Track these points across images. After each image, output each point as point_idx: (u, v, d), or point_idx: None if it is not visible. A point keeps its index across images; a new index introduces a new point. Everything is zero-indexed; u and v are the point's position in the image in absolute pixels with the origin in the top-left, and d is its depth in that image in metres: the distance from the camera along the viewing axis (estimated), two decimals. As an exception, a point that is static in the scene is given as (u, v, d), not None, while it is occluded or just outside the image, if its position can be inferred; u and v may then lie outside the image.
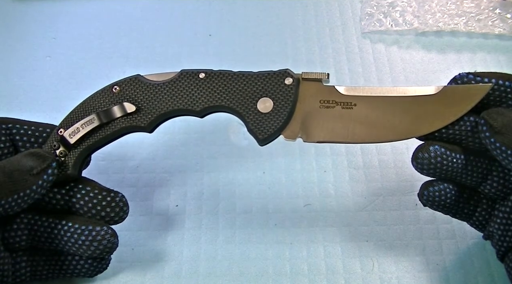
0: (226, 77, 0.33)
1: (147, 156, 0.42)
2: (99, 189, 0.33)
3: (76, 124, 0.32)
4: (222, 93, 0.33)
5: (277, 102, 0.33)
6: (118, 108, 0.32)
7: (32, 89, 0.47)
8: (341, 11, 0.52)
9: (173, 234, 0.38)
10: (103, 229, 0.32)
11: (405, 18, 0.50)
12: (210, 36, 0.51)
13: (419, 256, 0.37)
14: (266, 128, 0.33)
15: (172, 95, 0.33)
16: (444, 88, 0.32)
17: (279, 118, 0.33)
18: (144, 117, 0.33)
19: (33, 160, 0.29)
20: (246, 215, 0.39)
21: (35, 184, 0.29)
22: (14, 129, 0.33)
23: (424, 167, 0.32)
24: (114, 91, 0.33)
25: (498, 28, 0.49)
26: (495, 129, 0.29)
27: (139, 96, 0.33)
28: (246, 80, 0.33)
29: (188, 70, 0.33)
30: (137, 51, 0.49)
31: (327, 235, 0.38)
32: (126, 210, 0.33)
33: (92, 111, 0.33)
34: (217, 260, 0.37)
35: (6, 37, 0.51)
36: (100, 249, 0.32)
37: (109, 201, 0.32)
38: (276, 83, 0.33)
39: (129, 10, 0.53)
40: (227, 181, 0.41)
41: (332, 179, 0.41)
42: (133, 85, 0.33)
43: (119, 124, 0.33)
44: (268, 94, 0.33)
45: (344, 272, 0.36)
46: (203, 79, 0.33)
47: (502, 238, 0.32)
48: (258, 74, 0.33)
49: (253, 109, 0.33)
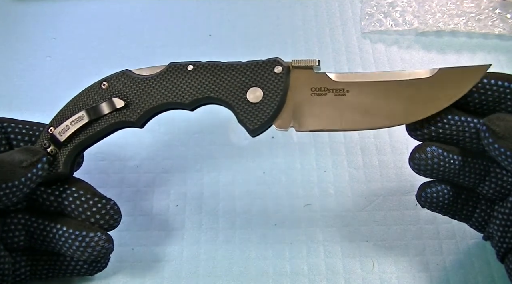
0: (215, 68, 0.33)
1: (147, 156, 0.42)
2: (92, 194, 0.32)
3: (65, 121, 0.32)
4: (210, 84, 0.32)
5: (267, 91, 0.32)
6: (107, 104, 0.32)
7: (32, 89, 0.47)
8: (341, 11, 0.52)
9: (173, 234, 0.38)
10: (97, 235, 0.31)
11: (405, 18, 0.50)
12: (210, 36, 0.51)
13: (419, 256, 0.37)
14: (257, 118, 0.32)
15: (160, 89, 0.33)
16: (439, 71, 0.31)
17: (270, 108, 0.32)
18: (133, 112, 0.33)
19: (24, 154, 0.29)
20: (246, 215, 0.39)
21: (24, 176, 0.29)
22: (9, 128, 0.33)
23: (421, 167, 0.32)
24: (102, 87, 0.33)
25: (498, 28, 0.49)
26: (498, 135, 0.29)
27: (127, 91, 0.33)
28: (234, 70, 0.32)
29: (176, 62, 0.33)
30: (137, 51, 0.49)
31: (327, 235, 0.38)
32: (117, 218, 0.33)
33: (82, 108, 0.32)
34: (217, 260, 0.37)
35: (6, 37, 0.51)
36: (95, 254, 0.32)
37: (99, 208, 0.32)
38: (265, 72, 0.32)
39: (129, 10, 0.53)
40: (227, 181, 0.41)
41: (332, 179, 0.41)
42: (121, 80, 0.33)
43: (109, 120, 0.33)
44: (258, 84, 0.32)
45: (344, 272, 0.36)
46: (191, 71, 0.33)
47: (502, 239, 0.32)
48: (247, 63, 0.33)
49: (242, 99, 0.32)
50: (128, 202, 0.40)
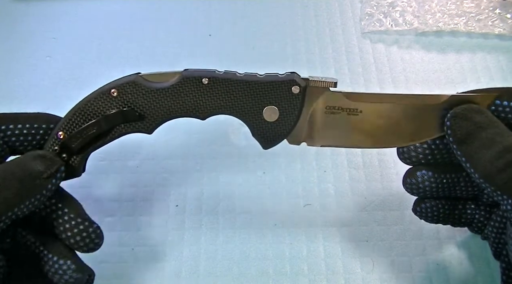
0: (230, 83, 0.32)
1: (147, 156, 0.42)
2: (76, 214, 0.31)
3: (77, 130, 0.32)
4: (226, 101, 0.32)
5: (284, 111, 0.32)
6: (120, 116, 0.32)
7: (32, 89, 0.47)
8: (341, 11, 0.52)
9: (173, 234, 0.38)
10: (66, 263, 0.30)
11: (405, 18, 0.50)
12: (210, 36, 0.51)
13: (419, 256, 0.37)
14: (272, 136, 0.33)
15: (174, 102, 0.32)
16: (451, 97, 0.31)
17: (285, 128, 0.33)
18: (147, 124, 0.32)
19: (41, 164, 0.29)
20: (246, 215, 0.39)
21: (45, 188, 0.29)
22: (9, 130, 0.31)
23: (414, 191, 0.33)
24: (113, 95, 0.32)
25: (498, 28, 0.49)
26: (459, 138, 0.29)
27: (140, 102, 0.32)
28: (251, 88, 0.32)
29: (191, 72, 0.32)
30: (137, 51, 0.49)
31: (327, 235, 0.38)
32: (97, 242, 0.31)
33: (93, 115, 0.32)
34: (217, 260, 0.37)
35: (6, 37, 0.51)
36: (62, 282, 0.30)
37: (81, 230, 0.31)
38: (282, 92, 0.32)
39: (129, 10, 0.53)
40: (227, 181, 0.41)
41: (332, 179, 0.41)
42: (133, 89, 0.32)
43: (122, 130, 0.32)
44: (274, 103, 0.32)
45: (344, 272, 0.36)
46: (206, 85, 0.32)
47: (497, 240, 0.33)
48: (264, 81, 0.32)
49: (258, 117, 0.32)
50: (128, 202, 0.40)
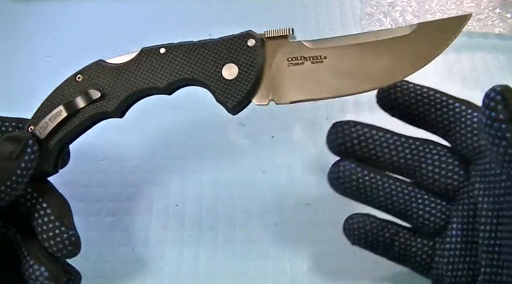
0: (187, 48, 0.32)
1: (147, 156, 0.42)
2: (56, 216, 0.30)
3: (44, 118, 0.32)
4: (184, 65, 0.32)
5: (242, 67, 0.31)
6: (83, 97, 0.32)
7: (32, 89, 0.47)
8: (341, 11, 0.52)
9: (173, 234, 0.38)
10: (40, 269, 0.29)
11: (405, 18, 0.50)
12: (210, 36, 0.50)
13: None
14: (234, 94, 0.31)
15: (134, 76, 0.32)
16: (419, 26, 0.29)
17: (246, 83, 0.31)
18: (110, 102, 0.32)
19: (9, 145, 0.29)
20: (246, 215, 0.39)
21: (18, 168, 0.28)
22: None
23: (334, 181, 0.32)
24: (78, 80, 0.32)
25: (498, 28, 0.49)
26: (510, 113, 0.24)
27: (102, 81, 0.32)
28: (207, 48, 0.32)
29: (149, 47, 0.32)
30: (137, 51, 0.49)
31: (327, 234, 0.38)
32: (71, 250, 0.30)
33: (59, 103, 0.32)
34: (217, 260, 0.37)
35: (6, 37, 0.51)
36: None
37: (56, 234, 0.30)
38: (238, 47, 0.31)
39: (129, 10, 0.53)
40: (227, 181, 0.41)
41: (332, 179, 0.41)
42: (95, 71, 0.33)
43: (87, 112, 0.32)
44: (232, 60, 0.31)
45: (344, 271, 0.36)
46: (164, 54, 0.32)
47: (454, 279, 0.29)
48: (219, 40, 0.32)
49: (218, 77, 0.31)
50: (128, 202, 0.40)
